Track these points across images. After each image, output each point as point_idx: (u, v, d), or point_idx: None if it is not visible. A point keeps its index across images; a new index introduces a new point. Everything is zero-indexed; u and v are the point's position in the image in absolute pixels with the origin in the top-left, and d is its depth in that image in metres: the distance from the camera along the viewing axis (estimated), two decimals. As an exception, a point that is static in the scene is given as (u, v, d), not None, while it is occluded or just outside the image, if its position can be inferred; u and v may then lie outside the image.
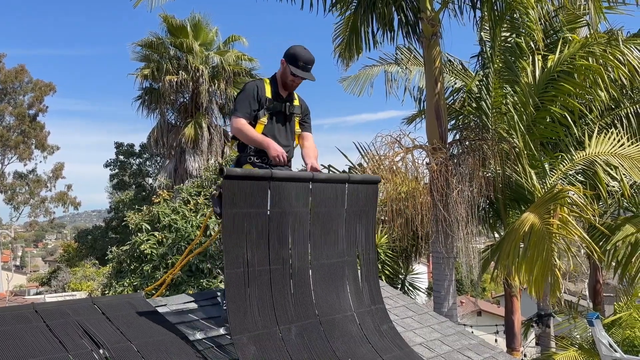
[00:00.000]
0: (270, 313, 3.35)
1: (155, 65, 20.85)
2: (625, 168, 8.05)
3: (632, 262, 8.51)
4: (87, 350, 3.07)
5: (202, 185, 11.92)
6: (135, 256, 10.75)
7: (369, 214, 4.17)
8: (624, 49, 8.13)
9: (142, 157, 30.06)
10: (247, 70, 21.72)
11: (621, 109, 9.61)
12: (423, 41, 8.66)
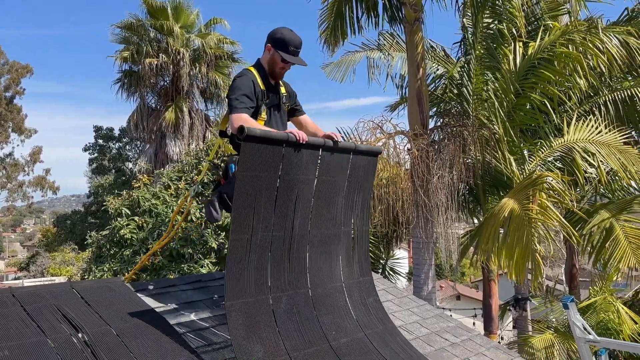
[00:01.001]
0: (264, 280, 3.34)
1: (135, 47, 20.49)
2: (603, 155, 8.15)
3: (606, 247, 8.63)
4: (65, 334, 3.04)
5: (183, 170, 11.80)
6: (115, 241, 10.65)
7: (367, 185, 4.17)
8: (604, 37, 8.20)
9: (121, 141, 29.67)
10: (229, 53, 21.45)
11: (600, 96, 9.69)
12: (406, 26, 8.66)
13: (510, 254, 6.96)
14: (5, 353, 2.76)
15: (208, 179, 9.39)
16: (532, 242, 6.67)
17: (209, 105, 22.16)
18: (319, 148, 3.59)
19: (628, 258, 8.26)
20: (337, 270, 3.93)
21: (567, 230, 7.23)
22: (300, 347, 3.34)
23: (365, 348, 3.68)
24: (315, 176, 3.62)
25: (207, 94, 21.66)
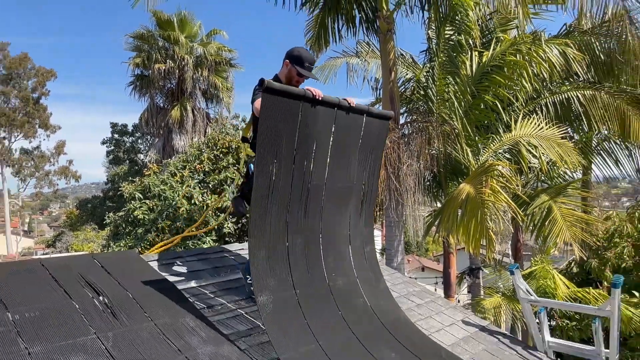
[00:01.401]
0: (283, 223, 3.29)
1: (145, 54, 20.30)
2: (544, 147, 8.22)
3: (545, 225, 8.72)
4: (89, 297, 3.04)
5: (187, 160, 11.69)
6: (129, 221, 10.57)
7: (378, 150, 4.09)
8: (546, 48, 8.27)
9: (134, 136, 29.36)
10: (227, 60, 21.30)
11: (542, 98, 9.76)
12: (380, 36, 8.64)
13: (467, 231, 7.04)
14: (36, 313, 2.75)
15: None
16: (485, 220, 6.74)
17: (210, 105, 22.01)
18: (335, 107, 3.51)
19: (563, 234, 8.39)
20: (346, 219, 3.87)
21: (513, 210, 7.33)
22: (305, 283, 3.33)
23: (356, 292, 3.70)
24: (332, 133, 3.54)
25: (207, 95, 21.52)
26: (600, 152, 11.22)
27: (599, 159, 11.37)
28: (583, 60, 8.89)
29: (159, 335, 2.86)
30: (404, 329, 3.74)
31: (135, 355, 2.63)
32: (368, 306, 3.69)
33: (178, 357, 2.72)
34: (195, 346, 2.86)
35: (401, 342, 3.50)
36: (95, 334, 2.70)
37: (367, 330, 3.46)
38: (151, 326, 2.93)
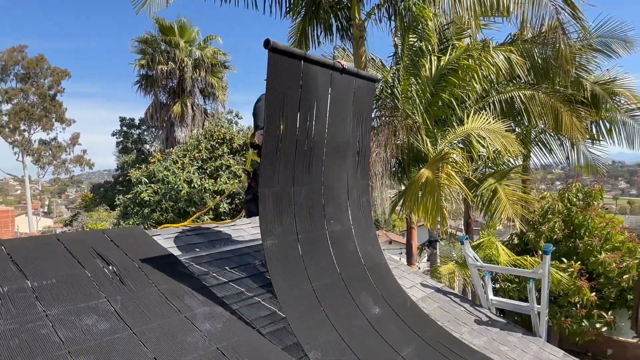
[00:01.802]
0: (289, 175, 3.17)
1: (149, 57, 19.88)
2: (491, 139, 8.34)
3: (491, 204, 8.88)
4: (99, 267, 2.99)
5: (187, 149, 11.57)
6: (137, 202, 10.44)
7: (368, 110, 3.98)
8: (493, 54, 8.35)
9: (140, 129, 28.74)
10: (222, 62, 21.02)
11: (490, 97, 9.88)
12: (353, 42, 8.59)
13: (426, 209, 7.14)
14: (53, 281, 2.70)
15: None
16: (440, 200, 6.84)
17: (207, 101, 21.71)
18: (330, 68, 3.42)
19: (507, 211, 8.57)
20: (344, 172, 3.76)
21: (465, 192, 7.46)
22: (306, 229, 3.24)
23: (349, 237, 3.65)
24: (329, 92, 3.43)
25: (205, 93, 21.21)
26: (538, 143, 11.46)
27: (536, 148, 11.62)
28: (524, 65, 9.00)
29: (161, 299, 2.85)
30: (382, 275, 3.72)
31: (140, 315, 2.61)
32: (357, 251, 3.63)
33: (178, 316, 2.71)
34: (193, 307, 2.85)
35: (377, 287, 3.50)
36: (106, 298, 2.67)
37: (351, 273, 3.41)
38: (155, 291, 2.91)
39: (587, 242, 9.08)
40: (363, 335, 3.02)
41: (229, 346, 2.58)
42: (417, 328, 3.41)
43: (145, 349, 2.36)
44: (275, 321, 3.05)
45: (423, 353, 3.15)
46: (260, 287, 3.44)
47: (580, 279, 8.67)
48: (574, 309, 8.73)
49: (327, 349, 2.68)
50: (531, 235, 9.67)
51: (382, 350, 2.99)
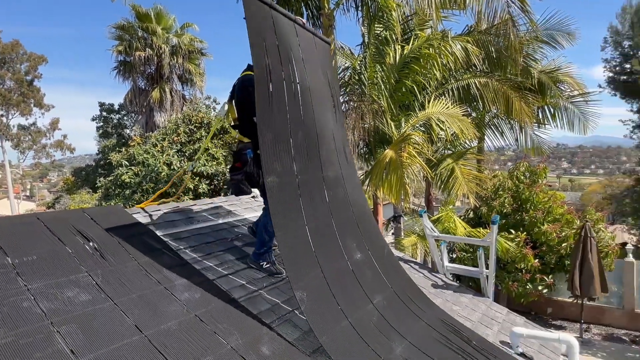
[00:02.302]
0: (284, 118, 3.05)
1: (127, 43, 18.90)
2: (449, 122, 8.47)
3: (449, 182, 9.12)
4: (80, 243, 2.92)
5: (166, 133, 11.25)
6: (118, 184, 10.13)
7: (329, 68, 3.90)
8: (452, 44, 8.42)
9: (120, 114, 27.59)
10: (199, 49, 20.30)
11: (449, 84, 10.00)
12: (322, 30, 8.46)
13: (390, 186, 7.25)
14: (34, 257, 2.62)
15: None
16: (403, 178, 6.96)
17: (185, 87, 20.96)
18: (292, 20, 3.36)
19: (463, 188, 8.83)
20: (329, 120, 3.71)
21: (426, 170, 7.61)
22: (305, 172, 3.14)
23: (340, 183, 3.61)
24: (298, 42, 3.34)
25: (183, 79, 20.48)
26: (491, 127, 11.75)
27: (489, 131, 11.93)
28: (479, 54, 9.13)
29: (141, 272, 2.81)
30: (366, 221, 3.75)
31: (121, 287, 2.58)
32: (347, 197, 3.61)
33: (158, 287, 2.69)
34: (172, 279, 2.84)
35: (362, 233, 3.53)
36: (87, 272, 2.62)
37: (341, 219, 3.39)
38: (135, 264, 2.87)
39: (532, 215, 9.49)
40: (344, 280, 3.05)
41: (207, 313, 2.60)
42: (389, 277, 3.48)
43: (126, 317, 2.35)
44: (250, 290, 3.08)
45: (391, 302, 3.26)
46: (236, 259, 3.46)
47: (526, 247, 9.10)
48: (519, 274, 9.18)
49: (311, 290, 2.70)
50: (484, 209, 10.02)
51: (358, 296, 3.05)
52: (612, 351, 8.62)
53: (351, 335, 2.69)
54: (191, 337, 2.34)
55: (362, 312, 2.94)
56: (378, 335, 2.83)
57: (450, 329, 3.31)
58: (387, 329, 2.94)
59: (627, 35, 16.31)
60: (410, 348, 2.87)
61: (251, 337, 2.48)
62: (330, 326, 2.65)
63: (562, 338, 3.26)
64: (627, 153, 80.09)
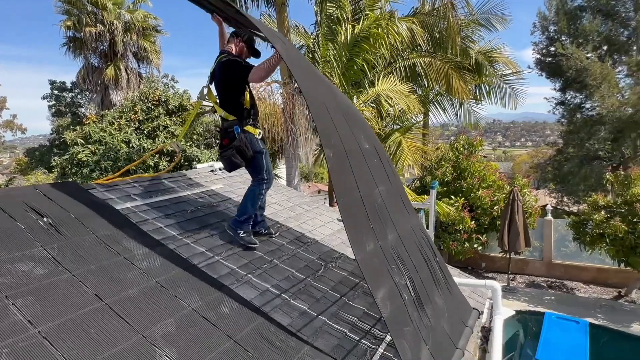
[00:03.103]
0: (325, 90, 3.02)
1: (76, 18, 17.21)
2: (397, 99, 8.68)
3: (397, 154, 9.40)
4: (33, 219, 2.74)
5: (123, 111, 10.60)
6: (74, 163, 9.50)
7: None
8: (398, 24, 8.47)
9: (73, 92, 25.51)
10: (153, 26, 18.92)
11: (396, 63, 10.15)
12: (276, 8, 8.20)
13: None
14: (-16, 235, 2.44)
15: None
16: (355, 151, 7.06)
17: (141, 65, 19.56)
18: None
19: (409, 159, 9.15)
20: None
21: (375, 144, 7.75)
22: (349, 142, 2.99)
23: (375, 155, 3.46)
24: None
25: (138, 56, 19.06)
26: (434, 103, 12.13)
27: (433, 107, 12.32)
28: (424, 35, 9.28)
29: (99, 244, 2.71)
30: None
31: (79, 259, 2.48)
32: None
33: (117, 257, 2.62)
34: (131, 249, 2.76)
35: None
36: (42, 246, 2.48)
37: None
38: (92, 237, 2.76)
39: (469, 182, 10.06)
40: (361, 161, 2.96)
41: (167, 279, 2.57)
42: (390, 174, 3.44)
43: (85, 287, 2.27)
44: (210, 256, 3.08)
45: (391, 194, 3.22)
46: (196, 229, 3.41)
47: (464, 211, 9.68)
48: (458, 235, 9.79)
49: (336, 151, 2.60)
50: (428, 178, 10.47)
51: (368, 179, 2.94)
52: (533, 296, 9.54)
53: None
54: (152, 302, 2.32)
55: (371, 196, 2.82)
56: (378, 219, 2.76)
57: (425, 239, 3.38)
58: (385, 216, 2.88)
59: (553, 21, 17.18)
60: (397, 240, 2.86)
61: (211, 298, 2.50)
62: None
63: (487, 284, 3.56)
64: (550, 127, 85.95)
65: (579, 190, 16.76)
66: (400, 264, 2.65)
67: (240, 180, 4.98)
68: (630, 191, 8.43)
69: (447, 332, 2.74)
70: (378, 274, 2.37)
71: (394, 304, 2.35)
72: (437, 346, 2.52)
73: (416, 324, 2.45)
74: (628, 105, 15.10)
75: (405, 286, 2.55)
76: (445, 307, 2.91)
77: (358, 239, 2.37)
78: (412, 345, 2.31)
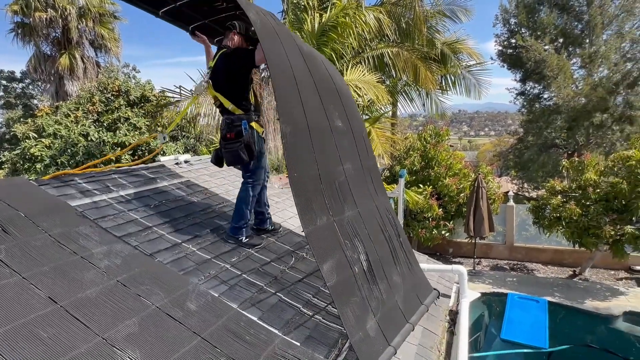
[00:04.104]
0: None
1: (23, 2, 15.93)
2: (365, 89, 8.69)
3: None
4: (-24, 219, 2.53)
5: (79, 102, 10.01)
6: (27, 158, 8.90)
7: None
8: (365, 14, 8.45)
9: (24, 82, 23.87)
10: (111, 12, 17.89)
11: (365, 53, 10.13)
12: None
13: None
14: None
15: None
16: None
17: (99, 54, 18.51)
18: None
19: (379, 149, 9.23)
20: None
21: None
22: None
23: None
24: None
25: (96, 45, 17.98)
26: (402, 93, 12.28)
27: (401, 98, 12.47)
28: (391, 25, 9.32)
29: (53, 243, 2.54)
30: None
31: (30, 260, 2.31)
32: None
33: (73, 257, 2.46)
34: (89, 247, 2.61)
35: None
36: (-14, 248, 2.29)
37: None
38: (45, 237, 2.58)
39: (437, 171, 10.31)
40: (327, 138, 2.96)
41: (129, 278, 2.45)
42: (360, 151, 3.43)
43: (38, 290, 2.12)
44: (176, 252, 2.97)
45: (358, 173, 3.24)
46: (160, 224, 3.28)
47: (432, 199, 9.92)
48: (427, 222, 10.04)
49: (295, 127, 2.61)
50: (397, 168, 10.64)
51: (334, 160, 2.94)
52: (497, 278, 9.99)
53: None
54: (113, 302, 2.20)
55: (333, 174, 2.85)
56: (336, 195, 2.80)
57: (390, 219, 3.41)
58: (346, 193, 2.92)
59: (513, 14, 17.77)
60: (357, 217, 2.90)
61: (176, 295, 2.41)
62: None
63: (454, 269, 3.67)
64: (512, 117, 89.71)
65: (537, 177, 17.64)
66: (356, 239, 2.73)
67: (207, 172, 4.84)
68: (584, 176, 8.95)
69: (400, 307, 2.83)
70: (327, 247, 2.46)
71: (341, 275, 2.44)
72: (386, 319, 2.61)
73: (365, 296, 2.53)
74: (581, 96, 15.96)
75: (357, 260, 2.63)
76: (402, 284, 3.00)
77: (308, 213, 2.45)
78: (358, 314, 2.41)
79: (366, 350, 2.33)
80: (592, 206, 8.54)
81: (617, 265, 10.21)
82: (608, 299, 8.60)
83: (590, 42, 16.48)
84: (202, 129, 9.33)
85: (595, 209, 8.45)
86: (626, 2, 15.67)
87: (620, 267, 10.32)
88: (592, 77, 16.42)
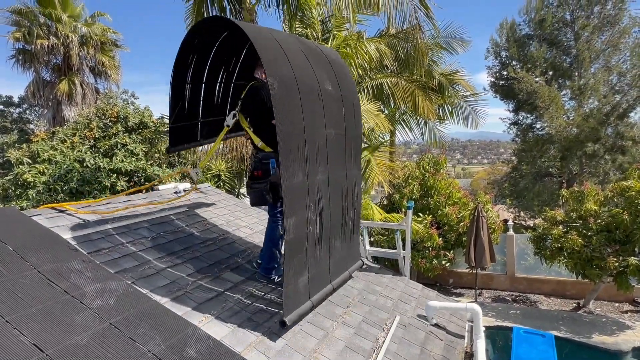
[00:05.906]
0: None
1: (26, 29, 16.09)
2: (366, 117, 8.70)
3: (366, 171, 9.37)
4: (-40, 254, 2.32)
5: (77, 128, 9.89)
6: (19, 184, 8.65)
7: None
8: (366, 44, 8.58)
9: (21, 107, 23.84)
10: (113, 41, 18.13)
11: (365, 82, 10.25)
12: (244, 27, 8.06)
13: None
14: None
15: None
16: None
17: (99, 80, 18.58)
18: None
19: (378, 177, 9.13)
20: None
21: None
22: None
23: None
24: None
25: (96, 71, 18.10)
26: (400, 122, 12.36)
27: (399, 127, 12.54)
28: (391, 56, 9.47)
29: (42, 280, 2.33)
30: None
31: (15, 301, 2.10)
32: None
33: (63, 296, 2.25)
34: (81, 285, 2.40)
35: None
36: (-32, 287, 2.08)
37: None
38: (34, 273, 2.37)
39: (436, 200, 10.19)
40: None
41: (123, 320, 2.24)
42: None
43: (22, 337, 1.91)
44: (174, 290, 2.75)
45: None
46: (157, 259, 3.08)
47: (431, 228, 9.75)
48: (427, 252, 9.82)
49: (283, 82, 2.66)
50: (396, 196, 10.52)
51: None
52: (500, 311, 9.68)
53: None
54: (105, 349, 1.98)
55: (314, 135, 2.90)
56: (314, 156, 2.90)
57: (353, 191, 3.53)
58: (323, 157, 3.01)
59: (504, 47, 18.32)
60: (325, 182, 3.02)
61: (175, 340, 2.19)
62: None
63: (468, 307, 3.47)
64: (504, 145, 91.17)
65: (534, 205, 17.61)
66: (317, 203, 2.91)
67: (206, 201, 4.67)
68: (584, 206, 8.87)
69: (330, 269, 3.21)
70: (296, 204, 2.66)
71: (299, 232, 2.69)
72: (316, 278, 2.98)
73: (308, 255, 2.83)
74: (574, 126, 16.21)
75: (314, 222, 2.86)
76: (340, 251, 3.35)
77: (290, 166, 2.61)
78: (297, 270, 2.71)
79: (292, 297, 2.69)
80: (594, 237, 8.41)
81: (621, 297, 9.99)
82: (615, 334, 8.32)
83: (579, 75, 16.94)
84: (199, 155, 9.21)
85: (598, 239, 8.32)
86: (612, 37, 16.24)
87: (624, 299, 10.10)
88: (583, 108, 16.76)
